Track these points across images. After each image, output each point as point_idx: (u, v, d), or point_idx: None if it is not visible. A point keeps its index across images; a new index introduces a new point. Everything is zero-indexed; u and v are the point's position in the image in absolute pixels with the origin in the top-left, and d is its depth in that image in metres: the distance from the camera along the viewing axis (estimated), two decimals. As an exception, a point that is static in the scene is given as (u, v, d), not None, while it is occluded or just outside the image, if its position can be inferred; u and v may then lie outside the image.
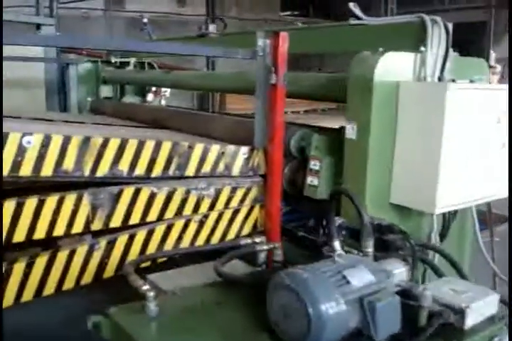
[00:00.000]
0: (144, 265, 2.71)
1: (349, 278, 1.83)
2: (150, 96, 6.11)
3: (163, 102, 6.22)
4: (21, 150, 2.48)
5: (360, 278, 1.86)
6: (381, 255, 2.23)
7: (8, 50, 5.50)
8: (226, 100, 13.31)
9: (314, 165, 3.21)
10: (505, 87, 3.04)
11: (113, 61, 6.12)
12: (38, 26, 7.07)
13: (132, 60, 6.09)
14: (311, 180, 3.22)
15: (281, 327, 1.91)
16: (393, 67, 2.90)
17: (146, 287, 2.07)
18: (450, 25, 3.07)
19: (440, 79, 3.01)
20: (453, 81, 2.99)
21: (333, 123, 3.68)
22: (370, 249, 2.16)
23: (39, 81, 6.67)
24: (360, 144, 2.95)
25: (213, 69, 12.56)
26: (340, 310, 1.78)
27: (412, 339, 1.92)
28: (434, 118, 2.77)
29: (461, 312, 2.00)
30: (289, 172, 3.36)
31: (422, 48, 2.99)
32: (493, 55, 3.52)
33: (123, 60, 6.10)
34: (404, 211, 3.06)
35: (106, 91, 6.20)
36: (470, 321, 2.02)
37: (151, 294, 2.04)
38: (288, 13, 19.98)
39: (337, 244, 2.23)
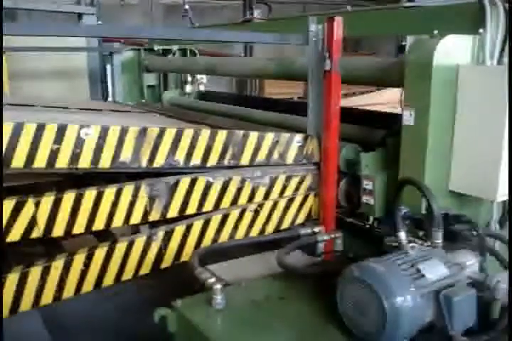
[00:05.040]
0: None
1: (424, 272, 1.78)
2: (188, 88, 6.04)
3: (201, 88, 6.15)
4: (79, 142, 2.48)
5: (435, 271, 1.80)
6: (448, 245, 2.16)
7: (48, 41, 5.56)
8: (265, 85, 13.26)
9: (367, 184, 3.08)
10: None
11: (155, 49, 6.08)
12: (80, 15, 7.11)
13: (175, 48, 6.04)
14: (366, 198, 3.10)
15: (353, 322, 1.88)
16: (452, 50, 2.81)
17: (212, 279, 2.05)
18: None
19: (499, 62, 2.91)
20: (511, 63, 2.90)
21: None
22: (440, 241, 2.08)
23: (81, 71, 6.72)
24: (418, 130, 2.87)
25: (251, 55, 12.48)
26: (416, 304, 1.73)
27: (486, 332, 1.87)
28: (496, 103, 2.68)
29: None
30: (344, 189, 3.25)
31: (481, 30, 2.89)
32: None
33: (165, 47, 6.06)
34: (463, 198, 2.98)
35: (149, 79, 6.19)
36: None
37: (218, 286, 2.02)
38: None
39: (403, 235, 2.16)
